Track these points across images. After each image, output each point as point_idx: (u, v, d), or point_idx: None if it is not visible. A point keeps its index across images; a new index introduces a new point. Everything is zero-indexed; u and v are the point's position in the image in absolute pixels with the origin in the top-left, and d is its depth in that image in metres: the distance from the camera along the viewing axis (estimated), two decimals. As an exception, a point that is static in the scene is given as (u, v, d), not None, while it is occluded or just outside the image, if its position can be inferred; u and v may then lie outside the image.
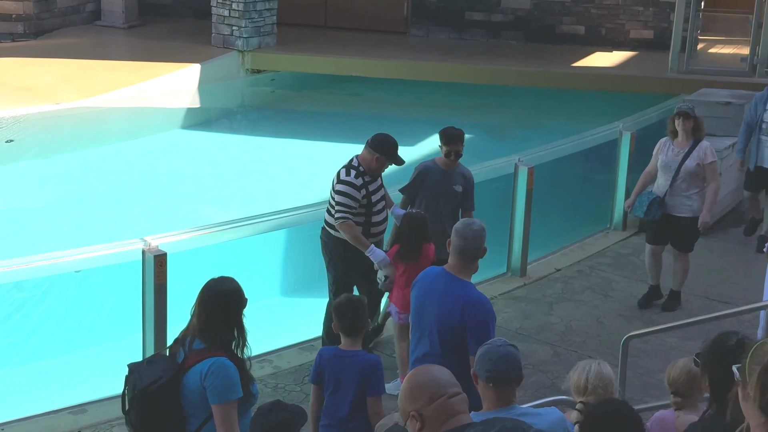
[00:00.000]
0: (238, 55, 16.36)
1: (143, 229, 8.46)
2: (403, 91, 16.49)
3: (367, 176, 7.22)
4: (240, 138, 14.94)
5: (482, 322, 5.19)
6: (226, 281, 4.65)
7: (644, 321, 8.46)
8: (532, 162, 9.50)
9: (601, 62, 16.58)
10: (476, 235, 5.32)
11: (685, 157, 8.35)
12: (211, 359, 4.47)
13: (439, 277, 5.39)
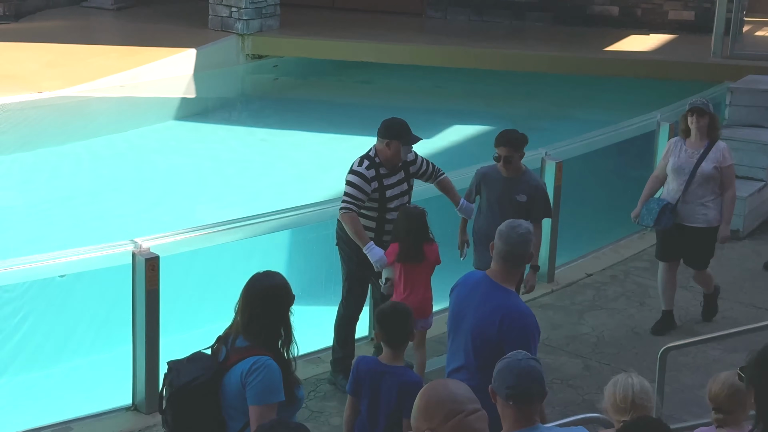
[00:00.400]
0: (238, 39, 16.38)
1: (134, 230, 8.46)
2: (419, 78, 16.48)
3: (383, 168, 7.23)
4: (240, 130, 14.96)
5: (521, 337, 5.17)
6: (273, 276, 4.74)
7: (684, 331, 8.43)
8: (561, 156, 9.48)
9: (636, 46, 16.54)
10: (522, 239, 5.31)
11: (701, 159, 8.04)
12: (253, 357, 4.55)
13: (479, 283, 5.39)
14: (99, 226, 10.68)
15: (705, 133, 8.10)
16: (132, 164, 13.03)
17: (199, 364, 4.66)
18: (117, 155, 13.36)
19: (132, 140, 14.02)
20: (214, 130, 14.78)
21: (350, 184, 7.20)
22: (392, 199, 7.29)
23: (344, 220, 7.19)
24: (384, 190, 7.25)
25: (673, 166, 8.15)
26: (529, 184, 7.50)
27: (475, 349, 5.29)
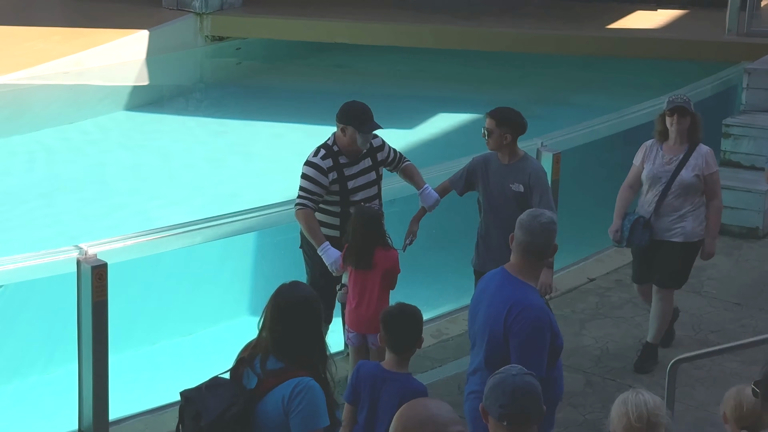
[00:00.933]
0: (196, 19, 16.37)
1: (79, 235, 8.45)
2: (400, 61, 16.50)
3: (343, 157, 7.24)
4: (198, 121, 14.93)
5: (528, 333, 5.20)
6: (302, 286, 4.74)
7: (698, 341, 8.47)
8: (558, 147, 9.51)
9: (642, 23, 16.60)
10: (545, 229, 5.36)
11: (680, 167, 7.80)
12: (294, 380, 4.51)
13: (495, 276, 5.45)
14: (40, 230, 10.65)
15: (685, 136, 7.85)
16: (76, 161, 13.00)
17: (223, 392, 4.56)
18: (59, 151, 13.33)
19: (76, 134, 13.99)
20: (169, 121, 14.76)
21: (304, 177, 7.23)
22: (356, 191, 7.26)
23: (298, 217, 7.22)
24: (345, 181, 7.24)
25: (648, 174, 7.88)
26: (525, 172, 7.41)
27: (486, 347, 5.35)
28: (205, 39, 16.50)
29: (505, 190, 7.40)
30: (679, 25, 16.61)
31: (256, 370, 4.57)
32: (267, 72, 16.86)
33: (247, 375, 4.60)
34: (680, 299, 9.24)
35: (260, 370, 4.56)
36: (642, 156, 8.00)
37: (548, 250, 5.41)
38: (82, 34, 15.42)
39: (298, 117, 14.39)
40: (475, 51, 16.09)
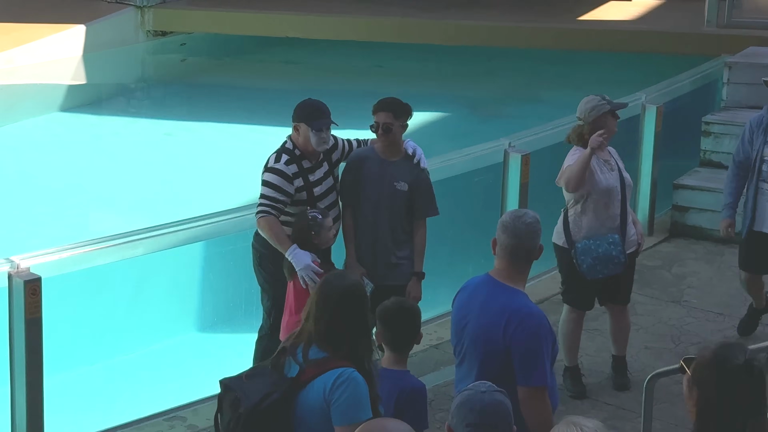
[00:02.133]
0: (136, 13, 16.32)
1: (10, 247, 8.38)
2: (357, 56, 16.51)
3: (306, 161, 7.23)
4: (140, 122, 14.88)
5: (531, 342, 5.24)
6: (348, 275, 5.03)
7: (677, 354, 8.50)
8: (528, 147, 9.54)
9: (616, 15, 16.69)
10: (530, 230, 5.39)
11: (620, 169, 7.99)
12: (337, 370, 4.68)
13: (481, 285, 5.47)
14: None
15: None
16: (8, 166, 12.92)
17: (264, 380, 4.73)
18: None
19: (8, 137, 13.90)
20: (108, 123, 14.70)
21: (267, 185, 7.18)
22: (321, 198, 7.26)
23: (261, 226, 7.17)
24: (311, 187, 7.22)
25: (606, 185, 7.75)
26: (411, 170, 7.43)
27: (480, 361, 5.36)
28: (146, 34, 16.45)
29: (390, 188, 7.37)
30: (656, 16, 16.71)
31: (298, 359, 4.73)
32: (214, 69, 16.83)
33: (289, 364, 4.76)
34: (659, 310, 9.29)
35: (302, 359, 4.72)
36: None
37: (534, 252, 5.44)
38: (13, 29, 15.33)
39: (248, 117, 14.37)
40: (438, 45, 16.12)
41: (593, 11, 16.82)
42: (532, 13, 16.58)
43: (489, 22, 16.21)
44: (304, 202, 7.21)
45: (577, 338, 8.01)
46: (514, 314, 5.28)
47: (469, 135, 12.97)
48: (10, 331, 6.92)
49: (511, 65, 16.28)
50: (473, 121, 14.68)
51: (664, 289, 9.67)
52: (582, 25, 16.20)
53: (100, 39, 15.75)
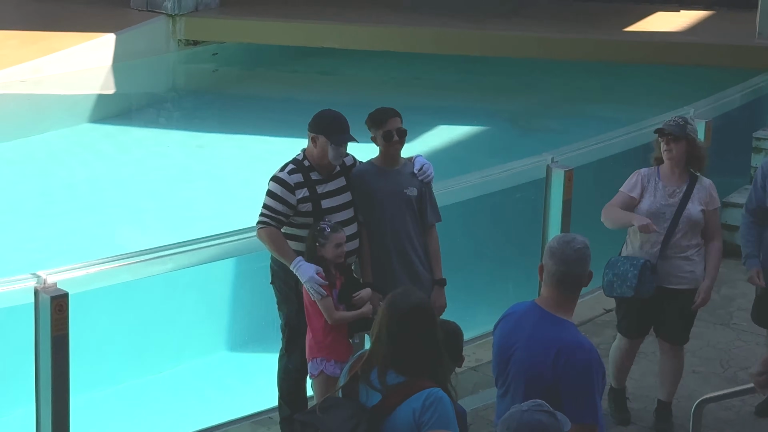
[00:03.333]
0: (168, 21, 16.38)
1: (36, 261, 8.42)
2: (393, 67, 16.52)
3: (315, 173, 7.21)
4: (171, 134, 14.93)
5: (582, 377, 5.18)
6: (413, 292, 5.02)
7: (726, 379, 8.46)
8: (571, 163, 9.51)
9: (663, 26, 16.63)
10: (579, 256, 5.30)
11: (686, 200, 7.54)
12: (424, 392, 4.74)
13: (528, 313, 5.40)
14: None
15: (684, 166, 7.59)
16: (35, 178, 12.99)
17: (342, 411, 4.76)
18: (17, 167, 13.31)
19: (36, 148, 13.98)
20: (138, 134, 14.76)
21: (269, 194, 7.17)
22: (331, 211, 7.22)
23: (260, 237, 7.16)
24: (318, 199, 7.17)
25: (650, 209, 7.55)
26: (413, 176, 7.42)
27: (526, 394, 5.28)
28: (178, 43, 16.51)
29: (399, 195, 7.36)
30: (704, 27, 16.65)
31: (375, 386, 4.77)
32: (247, 80, 16.87)
33: (365, 391, 4.80)
34: (707, 332, 9.23)
35: (380, 386, 4.76)
36: (637, 185, 7.66)
37: (584, 280, 5.35)
38: (42, 37, 15.42)
39: (281, 129, 14.39)
40: (477, 56, 16.11)
41: (639, 22, 16.76)
42: (576, 24, 16.54)
43: (531, 32, 16.19)
44: (309, 214, 7.18)
45: (625, 365, 7.93)
46: (564, 348, 5.21)
47: (509, 150, 12.96)
48: (36, 349, 6.95)
49: (554, 77, 16.25)
50: (514, 135, 14.65)
51: (713, 311, 9.60)
52: (627, 37, 16.15)
53: (131, 48, 15.82)
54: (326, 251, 7.02)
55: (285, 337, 7.44)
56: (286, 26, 16.27)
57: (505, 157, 10.17)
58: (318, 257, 7.03)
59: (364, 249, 7.41)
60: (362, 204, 7.38)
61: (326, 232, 7.01)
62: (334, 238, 7.03)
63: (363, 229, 7.40)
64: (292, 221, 7.19)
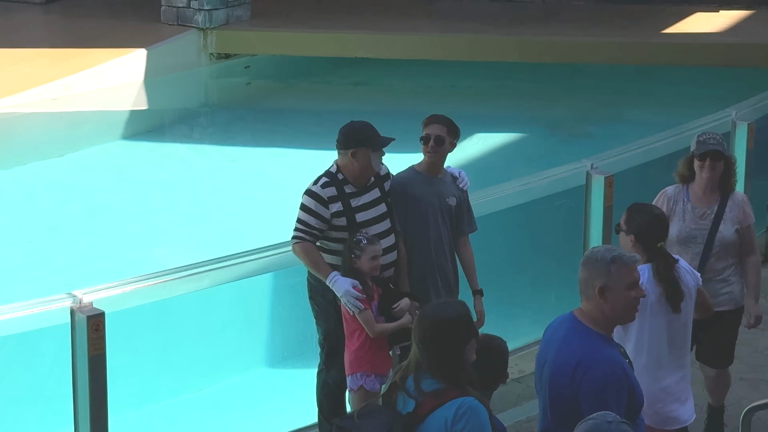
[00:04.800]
0: (199, 35, 16.45)
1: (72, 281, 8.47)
2: (428, 76, 16.52)
3: (350, 186, 7.22)
4: (204, 149, 14.98)
5: (598, 391, 5.18)
6: (451, 304, 5.19)
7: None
8: (611, 168, 9.48)
9: (703, 26, 16.57)
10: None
11: (718, 221, 7.34)
12: (457, 400, 4.80)
13: (563, 324, 5.45)
14: (27, 277, 10.68)
15: (717, 184, 7.41)
16: (68, 197, 13.05)
17: (379, 418, 4.86)
18: (50, 185, 13.39)
19: (69, 166, 14.05)
20: (171, 149, 14.81)
21: (302, 208, 7.20)
22: (366, 225, 7.21)
23: (296, 252, 7.20)
24: (353, 213, 7.18)
25: (680, 234, 7.34)
26: (454, 185, 7.49)
27: (551, 406, 5.36)
28: (209, 57, 16.58)
29: (439, 205, 7.39)
30: (745, 27, 16.58)
31: (411, 393, 4.85)
32: (280, 92, 16.91)
33: (402, 399, 4.88)
34: (755, 339, 9.17)
35: (416, 392, 4.83)
36: (665, 210, 7.35)
37: None
38: (72, 55, 15.51)
39: (316, 142, 14.39)
40: (514, 63, 16.09)
41: (678, 24, 16.71)
42: (613, 27, 16.50)
43: (567, 37, 16.17)
44: (344, 228, 7.20)
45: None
46: (583, 361, 5.23)
47: (548, 156, 12.93)
48: (73, 369, 6.98)
49: (592, 82, 16.21)
50: (552, 141, 14.62)
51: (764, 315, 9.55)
52: (667, 39, 16.10)
53: (162, 63, 15.89)
54: (362, 263, 7.03)
55: (324, 352, 7.46)
56: (318, 37, 16.31)
57: (544, 165, 10.17)
58: (354, 270, 7.04)
59: (401, 258, 7.43)
60: (406, 211, 7.39)
61: (362, 243, 7.03)
62: (370, 250, 7.05)
63: (400, 239, 7.41)
64: (327, 235, 7.21)
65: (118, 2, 17.95)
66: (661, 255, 6.35)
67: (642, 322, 6.23)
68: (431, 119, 7.47)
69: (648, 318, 6.29)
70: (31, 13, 17.74)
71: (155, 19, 16.79)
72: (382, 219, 7.29)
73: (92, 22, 16.96)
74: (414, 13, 17.42)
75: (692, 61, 15.68)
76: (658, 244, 6.36)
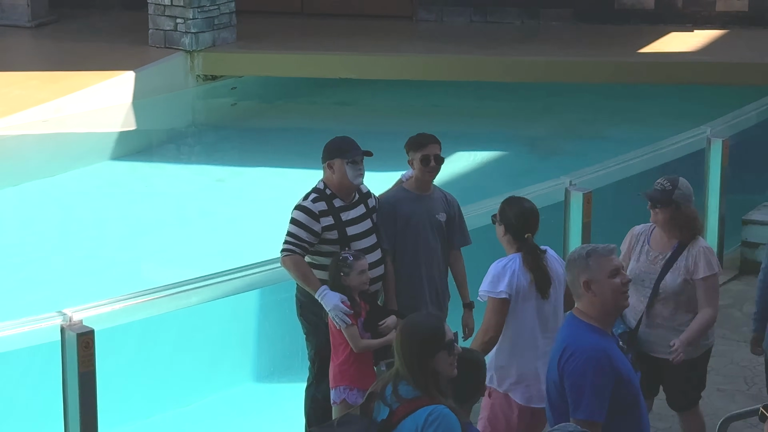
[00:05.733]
0: (186, 57, 16.44)
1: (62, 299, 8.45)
2: (411, 96, 16.53)
3: (338, 200, 7.26)
4: (192, 169, 14.97)
5: (578, 375, 5.27)
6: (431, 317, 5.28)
7: (751, 396, 8.42)
8: (589, 185, 9.51)
9: (678, 46, 16.62)
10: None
11: (666, 268, 7.03)
12: (428, 407, 4.83)
13: (563, 325, 5.61)
14: (17, 295, 10.66)
15: (675, 231, 7.06)
16: (58, 217, 13.03)
17: (354, 427, 4.90)
18: (41, 205, 13.36)
19: (59, 186, 14.02)
20: (159, 169, 14.80)
21: (293, 222, 7.24)
22: (355, 239, 7.25)
23: (286, 265, 7.21)
24: (344, 226, 7.22)
25: (632, 273, 7.00)
26: (445, 199, 7.58)
27: (547, 392, 5.49)
28: (196, 78, 16.57)
29: (429, 221, 7.47)
30: (719, 46, 16.63)
31: (387, 401, 4.89)
32: (266, 113, 16.91)
33: (378, 407, 4.91)
34: (731, 350, 9.19)
35: (392, 399, 4.88)
36: (627, 247, 7.23)
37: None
38: (62, 77, 15.50)
39: (301, 161, 14.37)
40: (495, 82, 16.12)
41: (654, 43, 16.76)
42: (591, 47, 16.55)
43: (546, 57, 16.22)
44: (335, 242, 7.21)
45: None
46: (568, 347, 5.36)
47: (528, 173, 12.95)
48: (64, 385, 6.97)
49: (571, 101, 16.24)
50: (532, 159, 14.65)
51: (736, 328, 9.56)
52: (643, 58, 16.15)
53: (150, 85, 15.88)
54: (351, 280, 7.05)
55: (315, 366, 7.46)
56: (303, 58, 16.33)
57: (525, 182, 10.17)
58: (343, 286, 7.05)
59: (389, 275, 7.44)
60: (396, 229, 7.42)
61: (349, 260, 7.04)
62: (358, 266, 7.07)
63: (387, 255, 7.43)
64: (318, 249, 7.23)
65: (106, 26, 17.94)
66: (528, 245, 6.62)
67: (515, 306, 6.56)
68: (426, 139, 7.50)
69: (521, 302, 6.58)
70: (21, 36, 17.72)
71: (143, 42, 16.78)
72: (369, 234, 7.34)
73: (81, 45, 16.94)
74: (396, 35, 17.44)
75: (668, 80, 15.72)
76: (526, 236, 6.63)
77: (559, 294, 6.67)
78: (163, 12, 16.59)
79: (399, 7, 18.48)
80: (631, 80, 15.81)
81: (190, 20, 16.40)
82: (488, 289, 6.60)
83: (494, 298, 6.59)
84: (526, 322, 6.62)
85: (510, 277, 6.56)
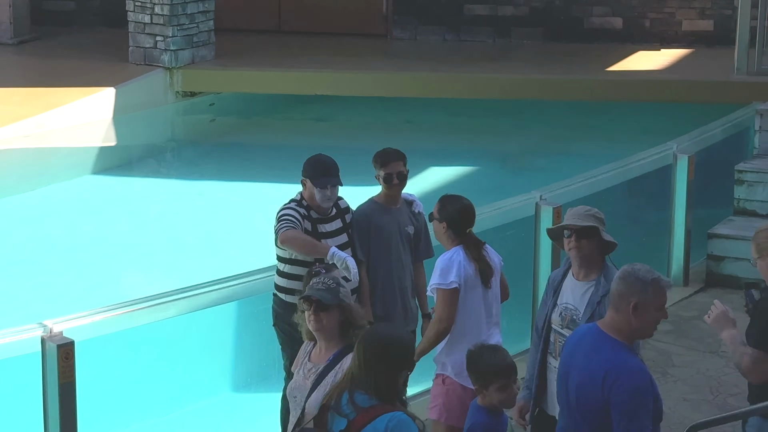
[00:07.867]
0: (165, 74, 16.42)
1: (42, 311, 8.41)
2: (385, 112, 16.55)
3: (314, 212, 7.32)
4: (171, 183, 14.94)
5: (630, 401, 5.24)
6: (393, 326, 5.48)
7: (716, 405, 8.45)
8: (559, 200, 9.53)
9: (645, 65, 16.69)
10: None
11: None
12: (387, 415, 4.81)
13: (586, 334, 5.50)
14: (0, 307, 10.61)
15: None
16: (40, 230, 12.98)
17: None
18: (22, 219, 13.31)
19: (40, 200, 13.98)
20: (139, 184, 14.78)
21: (283, 212, 7.33)
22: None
23: (287, 237, 7.21)
24: (318, 238, 7.28)
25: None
26: (411, 214, 7.68)
27: (582, 415, 5.40)
28: (176, 95, 16.55)
29: (399, 233, 7.57)
30: (685, 65, 16.71)
31: (343, 411, 4.84)
32: (244, 128, 16.90)
33: (332, 419, 4.87)
34: (696, 361, 9.22)
35: (349, 408, 4.84)
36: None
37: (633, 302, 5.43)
38: (44, 93, 15.46)
39: (279, 176, 14.37)
40: (467, 99, 16.15)
41: (622, 62, 16.83)
42: (561, 65, 16.60)
43: (517, 75, 16.26)
44: None
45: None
46: (613, 369, 5.29)
47: (499, 188, 12.97)
48: (44, 396, 6.95)
49: (541, 118, 16.28)
50: (503, 174, 14.67)
51: (701, 339, 9.60)
52: (611, 76, 16.21)
53: (130, 101, 15.84)
54: None
55: (289, 376, 7.45)
56: (280, 75, 16.33)
57: (496, 196, 10.19)
58: None
59: (364, 287, 7.46)
60: (370, 241, 7.49)
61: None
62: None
63: (363, 268, 7.46)
64: (295, 258, 7.25)
65: (87, 43, 17.91)
66: (471, 238, 7.00)
67: (464, 295, 6.84)
68: (389, 157, 7.56)
69: (468, 291, 6.86)
70: (3, 53, 17.66)
71: (123, 59, 16.75)
72: (345, 248, 7.37)
73: (63, 62, 16.91)
74: (371, 53, 17.47)
75: (635, 98, 15.78)
76: (467, 230, 7.00)
77: (496, 283, 7.03)
78: (143, 30, 16.57)
79: (374, 26, 18.53)
80: (600, 98, 15.87)
81: (170, 38, 16.38)
82: (439, 281, 6.88)
83: (445, 289, 6.87)
84: (473, 310, 6.90)
85: (457, 268, 6.86)
